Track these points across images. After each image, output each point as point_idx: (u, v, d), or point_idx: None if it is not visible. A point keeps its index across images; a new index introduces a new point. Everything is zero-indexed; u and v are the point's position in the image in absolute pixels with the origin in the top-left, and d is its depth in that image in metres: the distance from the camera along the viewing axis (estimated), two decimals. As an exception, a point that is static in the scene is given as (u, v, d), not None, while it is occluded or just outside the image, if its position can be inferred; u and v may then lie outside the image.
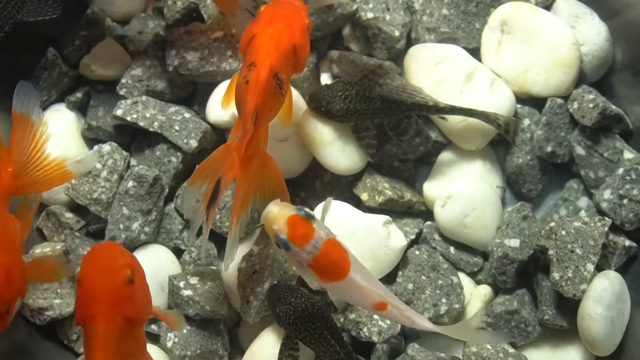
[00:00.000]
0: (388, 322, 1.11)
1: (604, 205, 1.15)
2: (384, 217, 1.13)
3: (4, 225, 0.97)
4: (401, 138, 1.18)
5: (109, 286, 0.88)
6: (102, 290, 0.88)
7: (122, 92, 1.23)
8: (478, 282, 1.18)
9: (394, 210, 1.19)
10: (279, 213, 0.89)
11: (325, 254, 0.89)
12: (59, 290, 1.14)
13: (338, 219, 1.09)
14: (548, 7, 1.25)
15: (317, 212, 1.13)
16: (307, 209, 0.91)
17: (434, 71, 1.18)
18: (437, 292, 1.13)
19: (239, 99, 0.96)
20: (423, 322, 0.93)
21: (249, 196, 0.98)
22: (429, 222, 1.20)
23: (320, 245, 0.89)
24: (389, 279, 1.14)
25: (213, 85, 1.22)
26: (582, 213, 1.18)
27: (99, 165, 1.19)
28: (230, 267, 1.14)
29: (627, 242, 1.13)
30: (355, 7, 1.23)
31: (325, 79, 1.27)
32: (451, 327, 0.93)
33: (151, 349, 1.15)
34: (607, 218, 1.13)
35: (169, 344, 1.13)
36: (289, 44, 0.98)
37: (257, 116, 0.93)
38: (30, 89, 1.06)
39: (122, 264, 0.90)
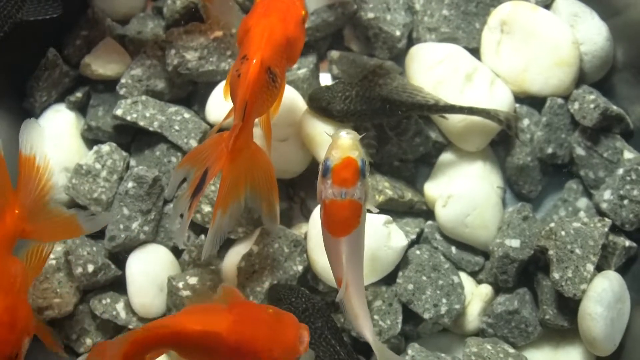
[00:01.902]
0: (389, 322, 1.11)
1: (604, 205, 1.15)
2: (384, 217, 1.13)
3: (4, 267, 0.96)
4: (401, 138, 1.18)
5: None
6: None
7: (122, 92, 1.22)
8: (479, 282, 1.18)
9: (395, 210, 1.18)
10: (345, 146, 0.90)
11: (341, 207, 0.90)
12: (58, 290, 1.14)
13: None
14: (548, 7, 1.25)
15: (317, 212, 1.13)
16: (368, 164, 0.91)
17: (435, 71, 1.18)
18: (438, 292, 1.12)
19: (232, 92, 0.97)
20: (365, 330, 0.94)
21: (241, 189, 0.99)
22: (430, 222, 1.19)
23: (345, 198, 0.89)
24: (389, 279, 1.14)
25: (212, 85, 1.22)
26: (582, 214, 1.18)
27: (98, 166, 1.19)
28: (230, 266, 1.15)
29: (627, 243, 1.13)
30: (355, 6, 1.23)
31: (326, 79, 1.27)
32: (384, 350, 0.95)
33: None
34: (607, 219, 1.12)
35: (169, 344, 1.13)
36: (281, 37, 0.98)
37: (246, 110, 0.94)
38: (36, 127, 1.05)
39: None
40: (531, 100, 1.21)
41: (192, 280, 1.13)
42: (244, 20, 1.01)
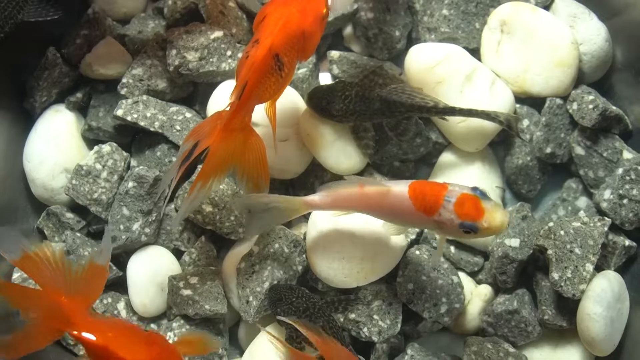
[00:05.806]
0: (388, 322, 1.12)
1: (604, 205, 1.15)
2: (384, 218, 1.13)
3: (122, 322, 0.98)
4: (401, 138, 1.18)
5: None
6: None
7: (122, 92, 1.22)
8: (478, 282, 1.18)
9: (395, 210, 1.18)
10: (496, 216, 0.92)
11: (433, 194, 0.95)
12: (59, 290, 1.15)
13: (338, 219, 1.08)
14: (547, 7, 1.25)
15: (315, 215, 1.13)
16: (476, 233, 0.93)
17: (435, 71, 1.18)
18: (438, 291, 1.13)
19: (237, 72, 0.98)
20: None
21: (225, 168, 1.00)
22: (428, 223, 1.20)
23: (442, 203, 0.94)
24: (389, 278, 1.15)
25: (213, 85, 1.22)
26: (582, 213, 1.18)
27: (98, 166, 1.19)
28: (230, 267, 1.15)
29: (627, 242, 1.14)
30: (355, 6, 1.23)
31: (325, 79, 1.27)
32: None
33: (151, 349, 1.15)
34: (606, 218, 1.13)
35: (169, 344, 1.13)
36: (297, 28, 0.99)
37: (246, 91, 0.95)
38: (7, 233, 0.96)
39: None
40: (532, 101, 1.22)
41: (193, 280, 1.14)
42: (263, 7, 1.02)
